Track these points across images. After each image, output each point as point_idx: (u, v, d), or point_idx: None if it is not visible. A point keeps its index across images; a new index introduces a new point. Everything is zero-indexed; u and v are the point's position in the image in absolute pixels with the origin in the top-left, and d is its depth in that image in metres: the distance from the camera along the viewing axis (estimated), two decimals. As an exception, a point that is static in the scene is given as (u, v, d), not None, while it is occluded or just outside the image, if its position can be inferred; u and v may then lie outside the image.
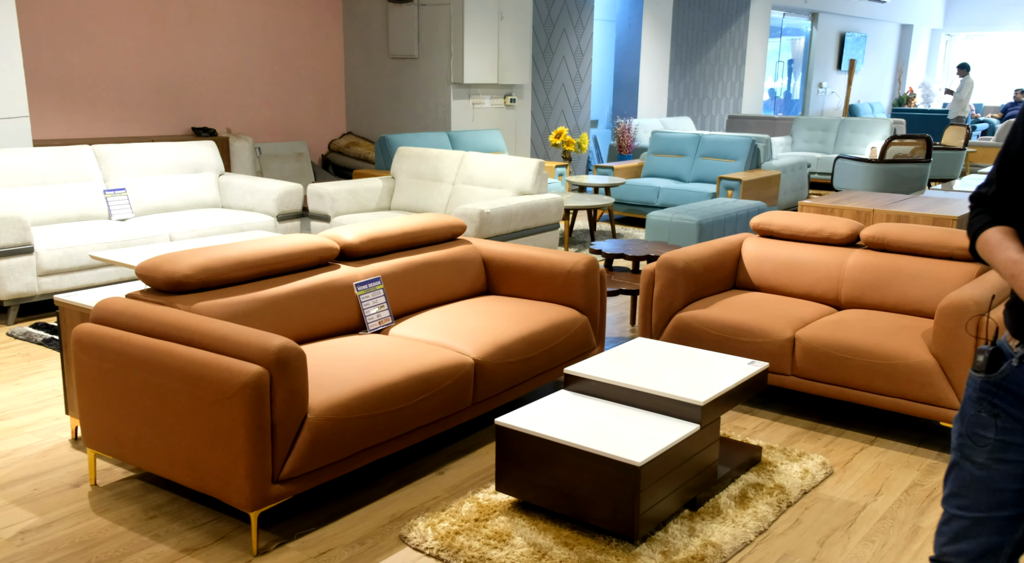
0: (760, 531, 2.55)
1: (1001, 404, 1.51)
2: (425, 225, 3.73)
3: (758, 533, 2.54)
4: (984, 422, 1.53)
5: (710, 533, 2.51)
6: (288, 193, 5.81)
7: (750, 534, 2.52)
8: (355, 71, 8.95)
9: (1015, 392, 1.49)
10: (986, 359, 1.52)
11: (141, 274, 2.82)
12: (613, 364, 2.88)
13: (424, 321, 3.37)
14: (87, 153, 5.46)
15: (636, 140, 9.84)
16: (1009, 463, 1.51)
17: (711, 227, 5.85)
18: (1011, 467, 1.51)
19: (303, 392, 2.46)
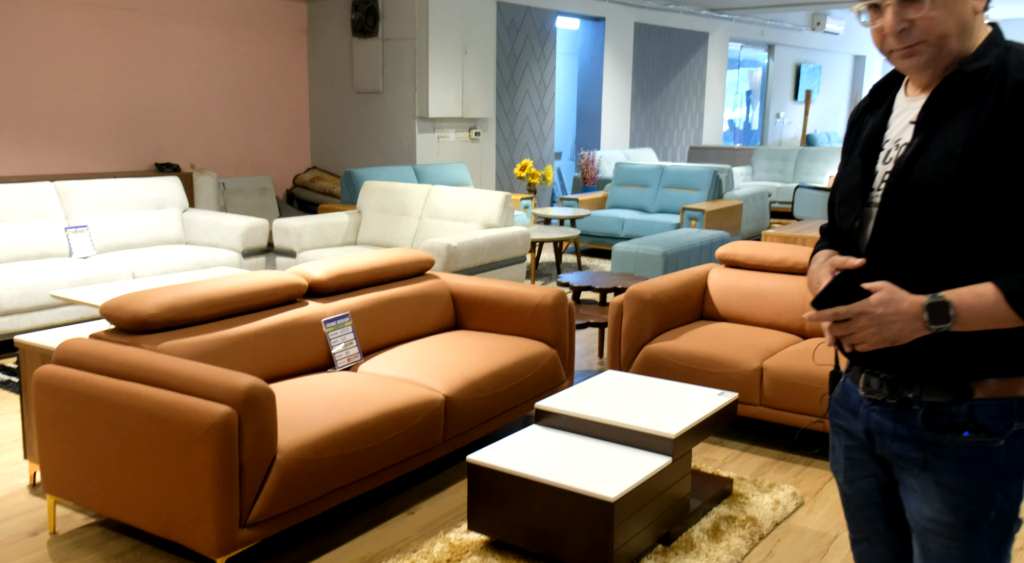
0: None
1: (841, 422, 1.55)
2: (393, 260, 3.72)
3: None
4: (836, 443, 1.58)
5: (684, 567, 2.51)
6: (253, 229, 5.76)
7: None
8: (320, 105, 8.96)
9: (847, 405, 1.53)
10: (830, 380, 1.58)
11: (105, 313, 2.77)
12: (583, 398, 2.89)
13: (393, 357, 3.35)
14: (48, 190, 5.37)
15: (600, 172, 9.95)
16: (861, 479, 1.54)
17: (676, 258, 5.92)
18: (864, 483, 1.54)
19: (272, 432, 2.43)
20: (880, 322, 1.31)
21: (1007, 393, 1.36)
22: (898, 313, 1.31)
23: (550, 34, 9.75)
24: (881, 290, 1.33)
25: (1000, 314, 1.29)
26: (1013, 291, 1.29)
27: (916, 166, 1.38)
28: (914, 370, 1.39)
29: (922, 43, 1.37)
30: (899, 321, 1.31)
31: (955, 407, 1.36)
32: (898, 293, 1.33)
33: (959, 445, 1.37)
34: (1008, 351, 1.35)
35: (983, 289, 1.31)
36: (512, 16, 9.15)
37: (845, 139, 1.60)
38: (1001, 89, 1.32)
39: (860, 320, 1.32)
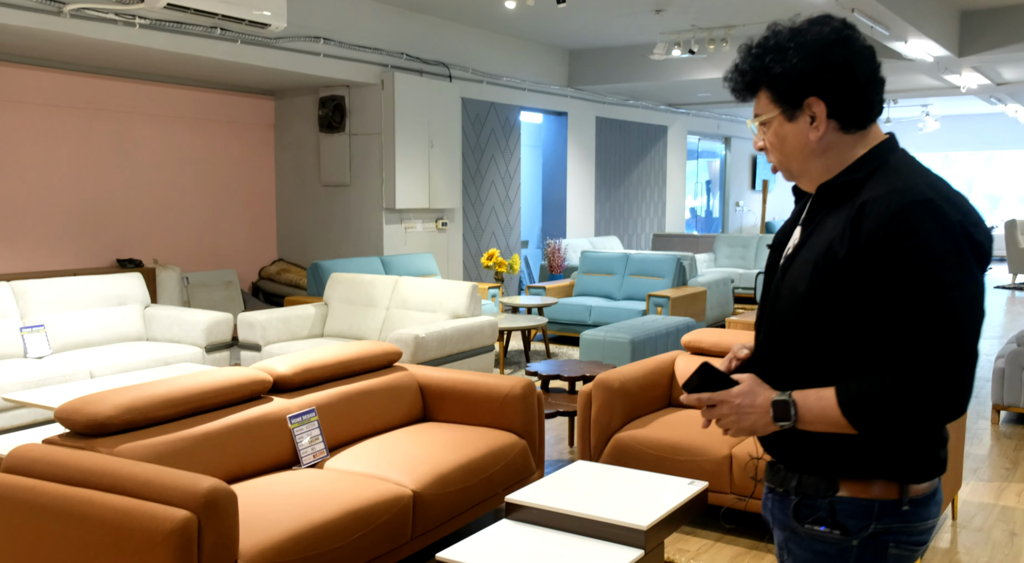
0: (713, 662, 2.47)
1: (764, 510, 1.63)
2: (360, 353, 3.69)
3: (711, 664, 2.47)
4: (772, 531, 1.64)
5: None
6: (217, 323, 5.70)
7: None
8: (287, 198, 9.03)
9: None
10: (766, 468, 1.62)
11: (60, 417, 2.69)
12: (554, 490, 2.84)
13: (360, 452, 3.28)
14: (3, 289, 5.29)
15: (566, 260, 10.07)
16: None
17: (643, 344, 5.95)
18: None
19: (234, 537, 2.34)
20: (738, 412, 1.41)
21: (868, 494, 1.41)
22: (753, 406, 1.40)
23: (514, 128, 10.02)
24: (743, 382, 1.43)
25: (835, 418, 1.35)
26: (844, 398, 1.34)
27: (791, 270, 1.47)
28: (794, 462, 1.46)
29: (776, 162, 1.51)
30: (753, 413, 1.40)
31: (819, 501, 1.43)
32: (757, 387, 1.42)
33: (814, 537, 1.44)
34: (871, 454, 1.40)
35: (826, 392, 1.37)
36: (477, 111, 9.41)
37: None
38: (854, 204, 1.39)
39: (722, 408, 1.42)
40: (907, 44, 8.24)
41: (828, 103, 1.41)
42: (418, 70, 8.53)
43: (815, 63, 1.39)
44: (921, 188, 1.34)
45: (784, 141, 1.46)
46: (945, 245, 1.30)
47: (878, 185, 1.38)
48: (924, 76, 10.50)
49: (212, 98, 8.32)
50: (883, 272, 1.32)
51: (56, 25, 5.63)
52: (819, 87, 1.40)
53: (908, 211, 1.32)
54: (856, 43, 1.41)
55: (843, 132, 1.43)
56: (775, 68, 1.41)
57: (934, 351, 1.28)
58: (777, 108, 1.45)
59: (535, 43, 10.22)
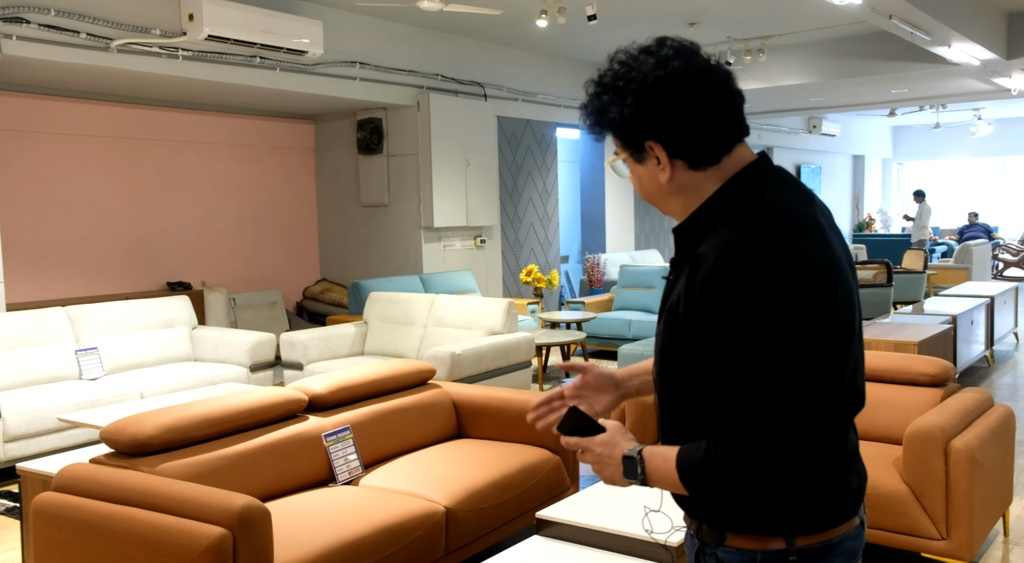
0: None
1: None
2: (394, 372, 3.76)
3: None
4: None
5: None
6: (260, 343, 5.83)
7: None
8: (328, 219, 9.21)
9: None
10: None
11: (105, 438, 2.80)
12: (585, 506, 2.85)
13: (394, 469, 3.33)
14: (59, 314, 5.49)
15: (606, 274, 10.06)
16: None
17: (682, 358, 5.91)
18: None
19: (268, 553, 2.41)
20: (599, 461, 1.37)
21: (752, 546, 1.35)
22: (611, 458, 1.36)
23: (551, 144, 10.08)
24: (607, 431, 1.39)
25: (675, 480, 1.29)
26: (681, 465, 1.28)
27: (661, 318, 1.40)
28: (691, 509, 1.41)
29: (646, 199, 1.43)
30: (611, 465, 1.36)
31: (708, 549, 1.39)
32: (618, 437, 1.37)
33: None
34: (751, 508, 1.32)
35: (670, 452, 1.31)
36: (512, 129, 9.49)
37: None
38: (695, 254, 1.30)
39: (587, 455, 1.39)
40: (951, 49, 8.10)
41: (665, 146, 1.31)
42: (453, 90, 8.65)
43: (642, 107, 1.29)
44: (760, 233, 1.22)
45: (641, 181, 1.40)
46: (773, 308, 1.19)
47: (716, 232, 1.28)
48: (972, 80, 10.28)
49: (254, 125, 8.54)
50: (711, 330, 1.24)
51: (104, 60, 5.86)
52: (652, 131, 1.31)
53: (736, 267, 1.21)
54: (686, 76, 1.28)
55: (693, 170, 1.33)
56: (611, 113, 1.32)
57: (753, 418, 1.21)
58: (625, 151, 1.38)
59: (568, 59, 10.29)
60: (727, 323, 1.21)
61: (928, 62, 8.98)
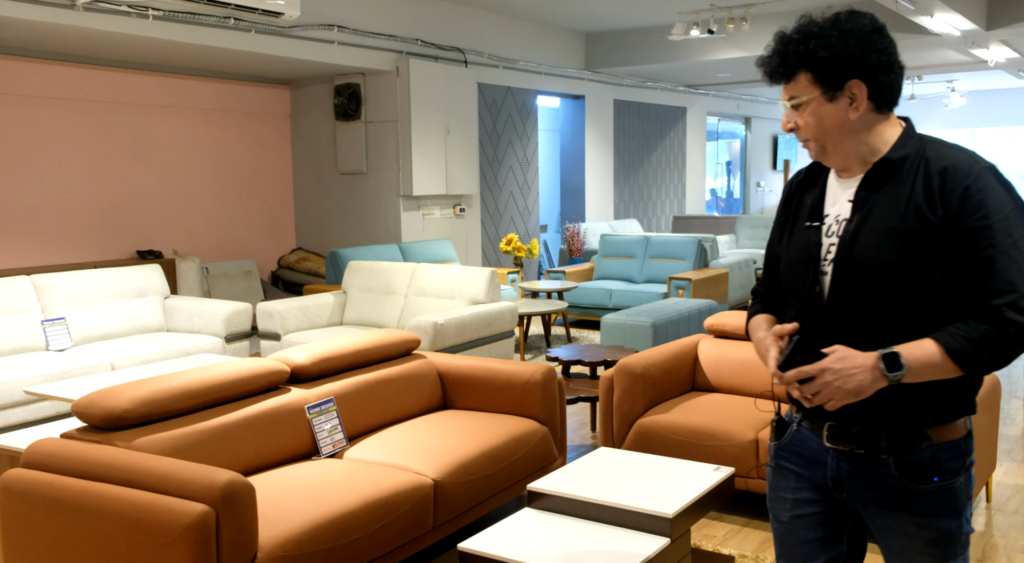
0: (742, 651, 2.42)
1: (792, 467, 1.72)
2: (378, 342, 3.65)
3: (740, 654, 2.41)
4: (782, 484, 1.74)
5: (690, 657, 2.38)
6: (236, 313, 5.69)
7: (732, 656, 2.39)
8: (304, 187, 9.01)
9: (800, 452, 1.70)
10: (773, 428, 1.76)
11: (77, 412, 2.68)
12: (576, 478, 2.79)
13: (380, 441, 3.24)
14: (24, 284, 5.31)
15: (586, 243, 9.98)
16: (806, 516, 1.71)
17: (665, 328, 5.87)
18: (808, 520, 1.71)
19: (252, 530, 2.31)
20: (841, 375, 1.47)
21: (956, 435, 1.58)
22: (856, 367, 1.47)
23: (531, 112, 9.93)
24: (836, 350, 1.50)
25: (941, 365, 1.48)
26: (951, 346, 1.47)
27: (859, 240, 1.58)
28: (878, 422, 1.57)
29: (808, 141, 1.62)
30: (859, 373, 1.47)
31: (921, 454, 1.55)
32: (851, 351, 1.50)
33: (931, 490, 1.56)
34: (951, 398, 1.56)
35: (925, 343, 1.49)
36: (493, 96, 9.32)
37: (781, 212, 1.79)
38: (928, 174, 1.55)
39: (824, 376, 1.48)
40: (933, 18, 8.04)
41: (868, 85, 1.55)
42: (433, 56, 8.46)
43: (860, 49, 1.53)
44: (978, 157, 1.55)
45: (822, 121, 1.58)
46: (1012, 203, 1.51)
47: (942, 157, 1.55)
48: (950, 51, 10.26)
49: (228, 89, 8.30)
50: (972, 230, 1.49)
51: (70, 18, 5.62)
52: (862, 71, 1.54)
53: (985, 175, 1.51)
54: (889, 35, 1.58)
55: (876, 113, 1.59)
56: (820, 53, 1.54)
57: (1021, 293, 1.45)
58: (817, 90, 1.57)
59: (551, 26, 10.10)
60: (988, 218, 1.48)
61: (910, 32, 8.92)
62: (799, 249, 1.67)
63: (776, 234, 1.78)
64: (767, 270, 1.81)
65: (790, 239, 1.72)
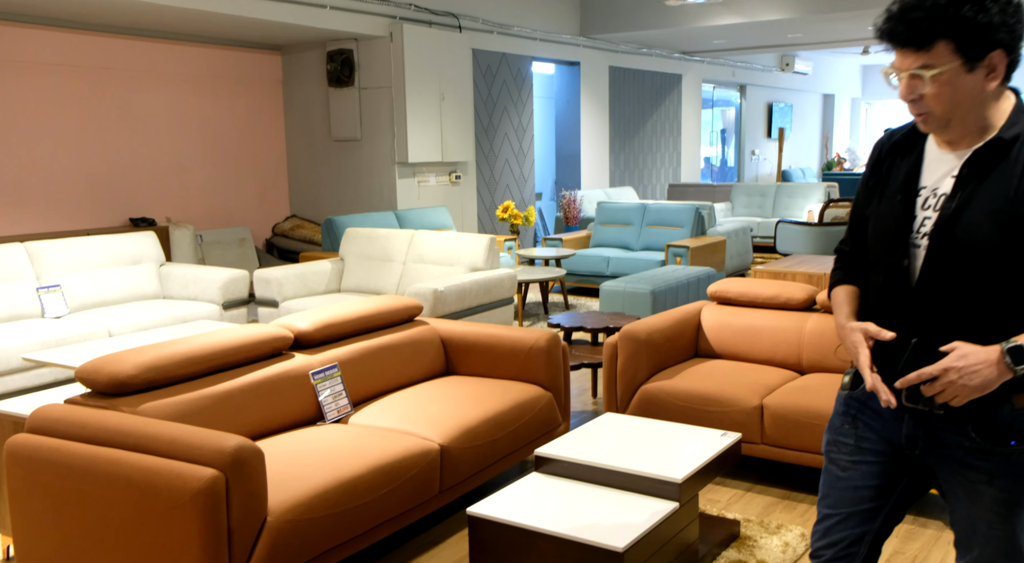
0: (750, 613, 2.44)
1: (860, 416, 1.74)
2: (380, 308, 3.63)
3: (748, 615, 2.43)
4: (846, 431, 1.76)
5: (699, 619, 2.40)
6: (233, 280, 5.65)
7: (740, 617, 2.41)
8: (297, 155, 8.92)
9: (874, 408, 1.72)
10: (851, 379, 1.75)
11: (81, 377, 2.65)
12: (584, 443, 2.79)
13: (384, 407, 3.23)
14: (18, 251, 5.25)
15: (582, 211, 9.94)
16: (866, 465, 1.74)
17: (664, 295, 5.87)
18: (867, 468, 1.74)
19: (262, 495, 2.31)
20: (966, 373, 1.47)
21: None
22: (979, 362, 1.46)
23: (526, 79, 9.82)
24: (956, 348, 1.50)
25: None
26: None
27: (963, 219, 1.54)
28: None
29: (928, 113, 1.54)
30: (983, 368, 1.46)
31: (1001, 418, 1.55)
32: (970, 347, 1.49)
33: (1007, 453, 1.56)
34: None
35: None
36: (488, 63, 9.21)
37: (869, 175, 1.74)
38: None
39: (948, 375, 1.48)
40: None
41: (1009, 55, 1.51)
42: (427, 21, 8.33)
43: (1015, 19, 1.48)
44: None
45: (956, 92, 1.51)
46: None
47: None
48: None
49: (219, 55, 8.16)
50: None
51: (58, -22, 5.49)
52: (1008, 42, 1.49)
53: None
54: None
55: (1001, 85, 1.55)
56: (978, 18, 1.46)
57: None
58: (958, 58, 1.49)
59: (546, -10, 9.96)
60: None
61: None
62: (890, 219, 1.65)
63: (863, 197, 1.75)
64: (852, 230, 1.80)
65: (879, 205, 1.69)
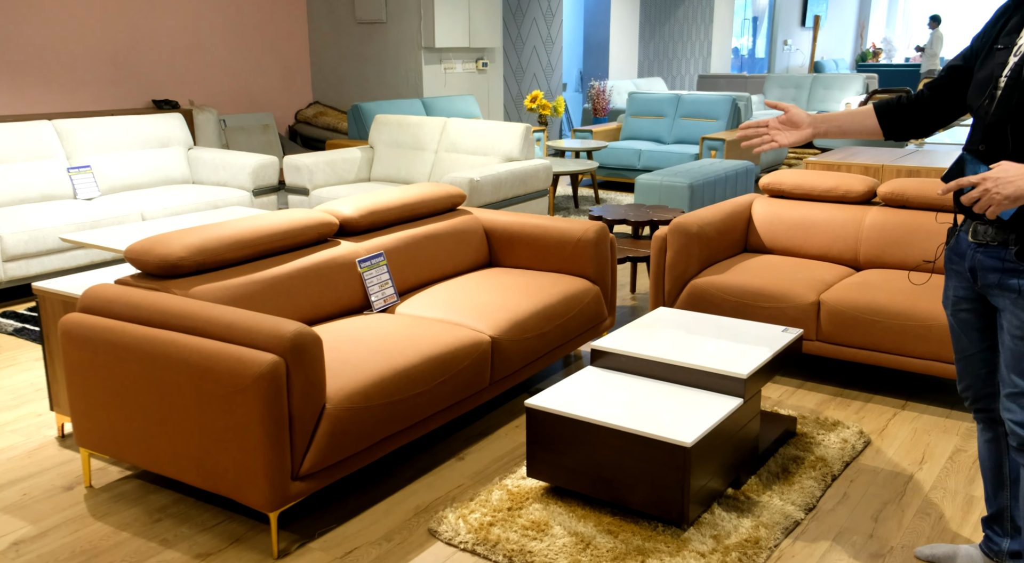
0: (809, 508, 2.43)
1: (953, 266, 1.97)
2: (424, 196, 3.52)
3: (807, 510, 2.42)
4: (949, 284, 2.01)
5: (759, 513, 2.39)
6: (263, 166, 5.53)
7: (799, 512, 2.40)
8: (320, 38, 8.60)
9: (957, 251, 1.95)
10: (947, 234, 2.00)
11: (131, 257, 2.58)
12: (641, 337, 2.73)
13: (430, 297, 3.18)
14: (47, 129, 5.12)
15: (611, 102, 9.65)
16: (964, 312, 1.98)
17: (702, 189, 5.72)
18: (966, 315, 1.98)
19: (320, 382, 2.27)
20: (1001, 182, 1.66)
21: None
22: (1015, 175, 1.65)
23: (558, -42, 9.33)
24: (1000, 164, 1.69)
25: None
26: None
27: None
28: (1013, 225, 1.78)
29: None
30: (1017, 179, 1.65)
31: None
32: (1013, 164, 1.68)
33: None
34: None
35: None
36: (519, -61, 8.73)
37: (982, 34, 1.91)
38: None
39: (984, 183, 1.68)
40: None
41: None
42: None
43: None
44: None
45: None
46: None
47: None
48: None
49: (238, -76, 7.74)
50: None
51: None
52: None
53: None
54: None
55: None
56: None
57: None
58: None
59: None
60: None
61: None
62: (987, 68, 1.84)
63: (966, 50, 1.95)
64: (939, 77, 2.01)
65: (985, 60, 1.86)
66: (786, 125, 2.12)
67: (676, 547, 2.22)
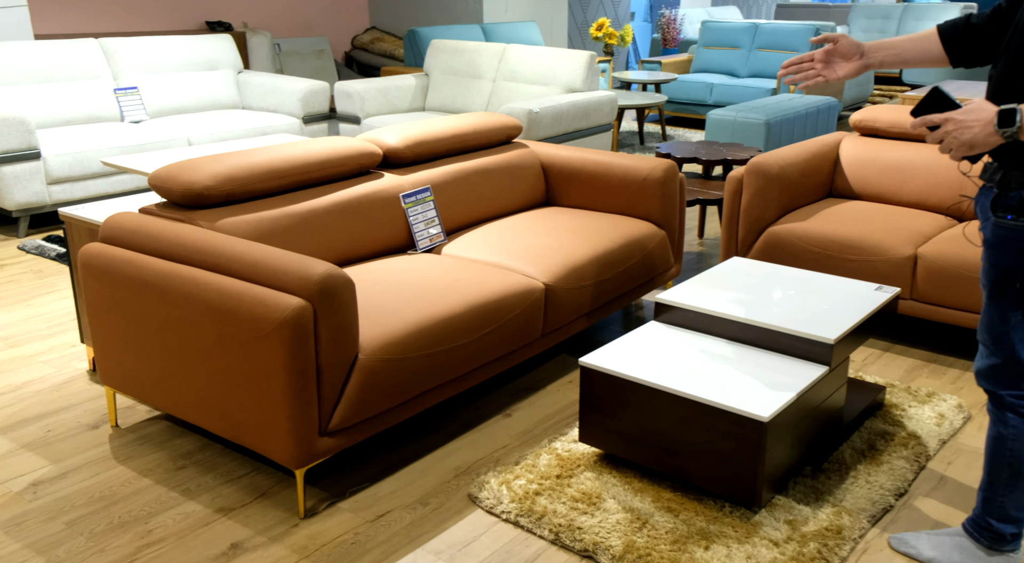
0: (899, 493, 2.14)
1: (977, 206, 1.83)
2: (476, 126, 3.23)
3: (898, 495, 2.14)
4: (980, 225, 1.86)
5: (841, 496, 2.11)
6: (314, 92, 5.28)
7: (889, 497, 2.11)
8: (379, -43, 8.21)
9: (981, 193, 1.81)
10: None
11: (155, 185, 2.37)
12: (711, 291, 2.43)
13: (480, 238, 2.91)
14: (94, 47, 4.93)
15: (682, 32, 9.09)
16: None
17: (779, 127, 5.29)
18: None
19: (352, 329, 2.04)
20: (961, 126, 1.53)
21: None
22: (977, 120, 1.52)
23: None
24: (970, 102, 1.55)
25: None
26: None
27: None
28: (1004, 159, 1.63)
29: None
30: (976, 126, 1.52)
31: (1012, 193, 1.62)
32: (984, 104, 1.53)
33: (1003, 225, 1.64)
34: None
35: None
36: None
37: None
38: None
39: (947, 125, 1.55)
40: None
41: None
42: None
43: None
44: None
45: None
46: None
47: None
48: None
49: None
50: None
51: None
52: None
53: None
54: None
55: None
56: None
57: None
58: None
59: None
60: None
61: None
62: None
63: None
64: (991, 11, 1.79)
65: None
66: (835, 56, 1.88)
67: (745, 532, 1.96)
